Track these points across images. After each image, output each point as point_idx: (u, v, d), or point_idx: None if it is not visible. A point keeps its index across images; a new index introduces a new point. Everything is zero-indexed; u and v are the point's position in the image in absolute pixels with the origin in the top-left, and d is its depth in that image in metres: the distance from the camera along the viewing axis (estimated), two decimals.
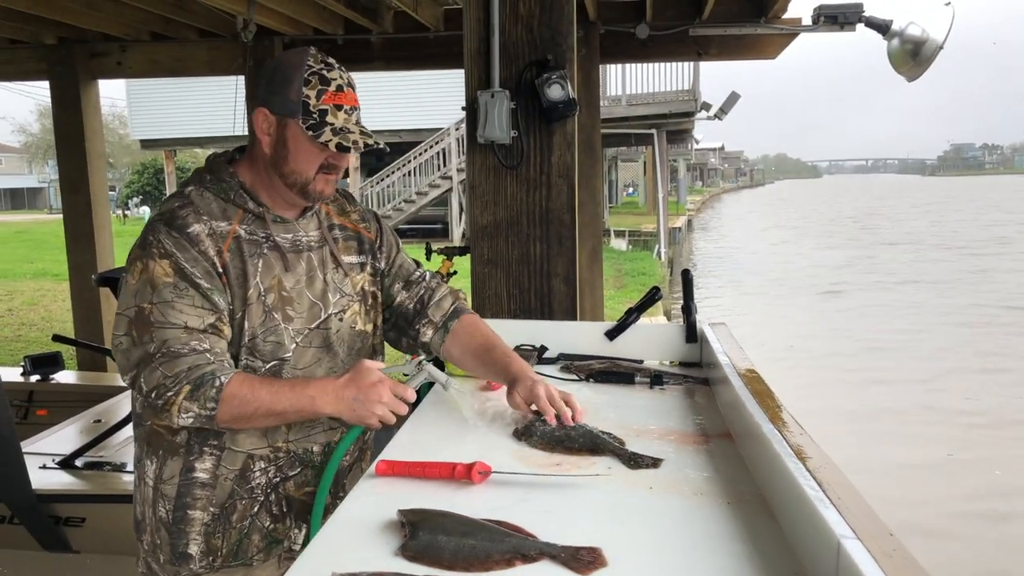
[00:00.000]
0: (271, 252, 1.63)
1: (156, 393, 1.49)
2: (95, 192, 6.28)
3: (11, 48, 6.20)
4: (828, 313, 14.03)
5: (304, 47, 1.63)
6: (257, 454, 1.63)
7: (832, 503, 1.03)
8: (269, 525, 1.67)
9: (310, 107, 1.57)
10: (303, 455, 1.68)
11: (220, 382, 1.49)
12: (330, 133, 1.57)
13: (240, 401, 1.50)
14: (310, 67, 1.58)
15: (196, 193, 1.62)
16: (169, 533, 1.63)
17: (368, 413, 1.53)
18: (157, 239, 1.54)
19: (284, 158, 1.61)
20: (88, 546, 2.78)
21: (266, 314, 1.60)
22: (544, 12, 2.72)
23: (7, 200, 56.88)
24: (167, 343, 1.49)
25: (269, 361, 1.61)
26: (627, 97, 16.07)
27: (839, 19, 5.28)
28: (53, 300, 12.40)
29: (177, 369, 1.48)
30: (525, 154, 2.77)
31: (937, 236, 29.07)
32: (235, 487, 1.63)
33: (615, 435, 1.57)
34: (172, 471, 1.62)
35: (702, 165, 72.66)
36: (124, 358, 1.54)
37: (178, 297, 1.52)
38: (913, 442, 7.29)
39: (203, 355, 1.51)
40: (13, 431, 2.61)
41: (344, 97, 1.60)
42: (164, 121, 20.13)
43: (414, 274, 1.89)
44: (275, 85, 1.59)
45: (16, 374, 4.15)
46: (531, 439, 1.55)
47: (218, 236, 1.58)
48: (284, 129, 1.59)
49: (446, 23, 5.81)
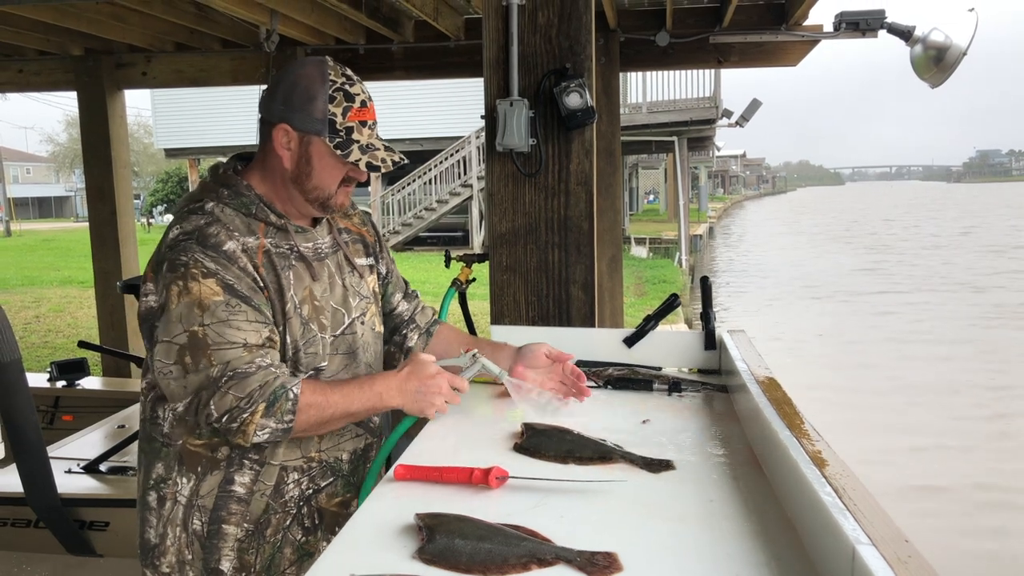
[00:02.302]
0: (299, 263, 1.63)
1: (229, 416, 1.47)
2: (120, 200, 6.37)
3: (39, 59, 6.31)
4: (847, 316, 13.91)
5: (320, 58, 1.60)
6: (290, 466, 1.63)
7: (848, 509, 1.03)
8: (301, 538, 1.66)
9: (336, 125, 1.56)
10: (334, 464, 1.69)
11: (294, 394, 1.49)
12: (358, 152, 1.57)
13: (317, 409, 1.52)
14: (333, 82, 1.56)
15: (218, 209, 1.58)
16: (203, 547, 1.60)
17: (428, 404, 1.59)
18: (193, 259, 1.49)
19: (307, 174, 1.60)
20: (112, 550, 2.81)
21: (304, 326, 1.61)
22: (562, 22, 2.73)
23: (35, 208, 57.69)
24: (230, 364, 1.47)
25: (307, 372, 1.62)
26: (648, 104, 16.05)
27: (861, 26, 5.25)
28: (79, 307, 12.57)
29: (249, 389, 1.47)
30: (544, 162, 2.78)
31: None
32: (270, 501, 1.62)
33: (612, 442, 1.57)
34: (211, 485, 1.60)
35: (723, 172, 72.39)
36: (179, 386, 1.50)
37: (232, 315, 1.49)
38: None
39: (269, 370, 1.50)
40: (40, 436, 2.64)
41: (368, 112, 1.59)
42: (188, 130, 20.37)
43: (408, 287, 1.97)
44: (296, 101, 1.56)
45: (43, 380, 4.21)
46: (543, 454, 1.53)
47: (250, 252, 1.56)
48: (308, 146, 1.58)
49: (466, 32, 5.84)
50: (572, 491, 1.37)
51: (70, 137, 45.25)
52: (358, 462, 1.73)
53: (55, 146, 49.40)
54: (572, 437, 1.56)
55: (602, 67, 5.53)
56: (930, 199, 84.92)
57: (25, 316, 11.94)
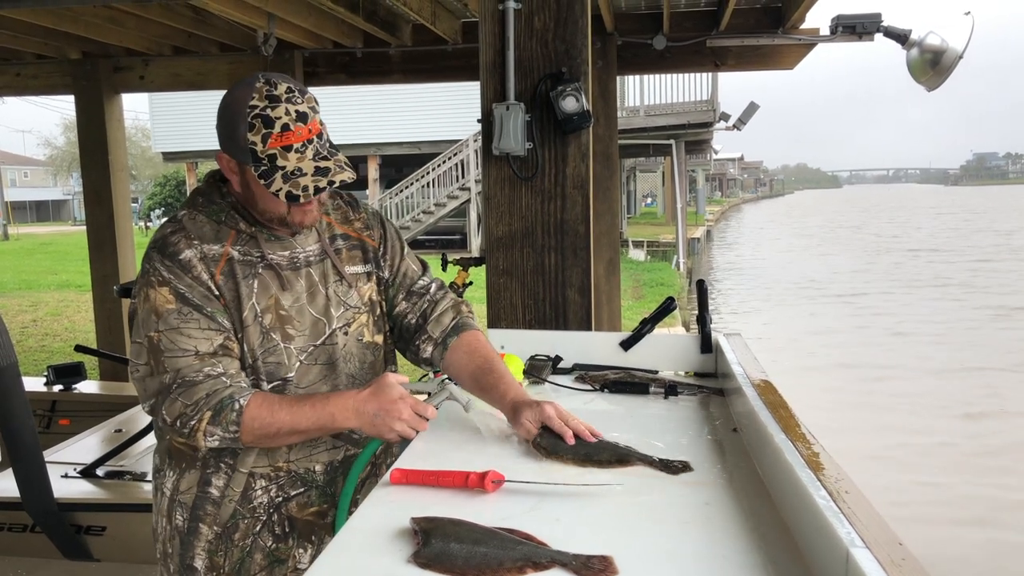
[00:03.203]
0: (266, 272, 1.61)
1: (180, 422, 1.51)
2: (118, 204, 6.37)
3: (37, 63, 6.32)
4: (846, 318, 13.93)
5: (250, 79, 1.52)
6: (257, 472, 1.64)
7: (842, 512, 1.03)
8: (271, 545, 1.67)
9: (258, 153, 1.49)
10: (304, 475, 1.68)
11: (239, 405, 1.50)
12: (280, 180, 1.49)
13: (260, 423, 1.51)
14: (253, 108, 1.48)
15: (188, 217, 1.61)
16: (181, 543, 1.65)
17: (387, 429, 1.52)
18: (153, 267, 1.55)
19: (252, 199, 1.58)
20: (109, 554, 2.81)
21: (263, 335, 1.60)
22: (559, 26, 2.74)
23: (33, 212, 57.66)
24: (180, 372, 1.51)
25: (271, 381, 1.61)
26: (645, 107, 16.07)
27: (857, 29, 5.26)
28: (76, 311, 12.56)
29: (196, 397, 1.50)
30: (540, 166, 2.78)
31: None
32: (237, 507, 1.64)
33: (627, 445, 1.57)
34: (190, 483, 1.65)
35: (721, 175, 72.47)
36: (142, 387, 1.56)
37: (183, 322, 1.52)
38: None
39: (219, 379, 1.52)
40: (36, 440, 2.64)
41: (292, 136, 1.49)
42: (186, 134, 20.36)
43: (417, 283, 1.83)
44: (224, 129, 1.53)
45: (39, 384, 4.21)
46: (562, 456, 1.52)
47: (210, 260, 1.57)
48: (244, 174, 1.55)
49: (463, 36, 5.86)
50: (567, 495, 1.37)
51: (68, 141, 45.25)
52: (335, 473, 1.71)
53: (52, 150, 49.40)
54: (588, 441, 1.56)
55: (599, 71, 5.54)
56: (928, 202, 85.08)
57: (22, 320, 11.93)
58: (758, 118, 14.29)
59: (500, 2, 2.74)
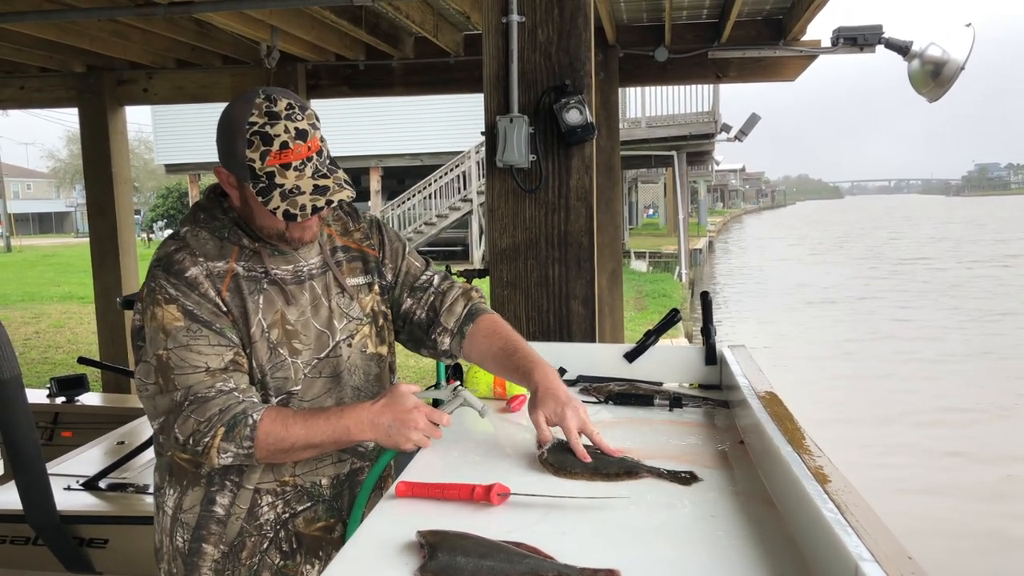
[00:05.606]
0: (271, 287, 1.60)
1: (193, 439, 1.49)
2: (121, 216, 6.39)
3: (41, 76, 6.35)
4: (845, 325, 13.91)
5: (250, 94, 1.50)
6: (264, 488, 1.62)
7: (850, 525, 1.03)
8: (279, 562, 1.65)
9: (256, 171, 1.48)
10: (311, 489, 1.66)
11: (253, 420, 1.48)
12: (279, 198, 1.48)
13: (275, 438, 1.49)
14: (252, 124, 1.47)
15: (191, 234, 1.59)
16: (184, 564, 1.63)
17: (404, 439, 1.51)
18: (159, 285, 1.53)
19: (251, 215, 1.57)
20: (111, 567, 2.80)
21: (271, 350, 1.59)
22: (562, 39, 2.75)
23: (36, 224, 57.84)
24: (192, 389, 1.49)
25: (278, 395, 1.60)
26: (647, 119, 16.09)
27: (859, 41, 5.28)
28: (79, 323, 12.57)
29: (209, 413, 1.48)
30: (544, 178, 2.79)
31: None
32: (244, 524, 1.62)
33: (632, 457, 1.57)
34: (193, 501, 1.62)
35: (723, 186, 72.51)
36: (151, 405, 1.54)
37: (193, 339, 1.51)
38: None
39: (231, 395, 1.50)
40: (39, 452, 2.63)
41: (291, 153, 1.48)
42: (189, 146, 20.42)
43: (420, 278, 1.81)
44: (223, 144, 1.52)
45: (42, 396, 4.21)
46: (571, 472, 1.50)
47: (216, 277, 1.55)
48: (243, 189, 1.54)
49: (466, 48, 5.88)
50: (574, 507, 1.36)
51: (71, 153, 45.41)
52: (341, 487, 1.69)
53: (56, 162, 49.57)
54: (596, 453, 1.55)
55: (601, 82, 5.56)
56: (929, 213, 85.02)
57: (25, 332, 11.95)
58: (759, 129, 14.31)
59: (504, 15, 2.76)
